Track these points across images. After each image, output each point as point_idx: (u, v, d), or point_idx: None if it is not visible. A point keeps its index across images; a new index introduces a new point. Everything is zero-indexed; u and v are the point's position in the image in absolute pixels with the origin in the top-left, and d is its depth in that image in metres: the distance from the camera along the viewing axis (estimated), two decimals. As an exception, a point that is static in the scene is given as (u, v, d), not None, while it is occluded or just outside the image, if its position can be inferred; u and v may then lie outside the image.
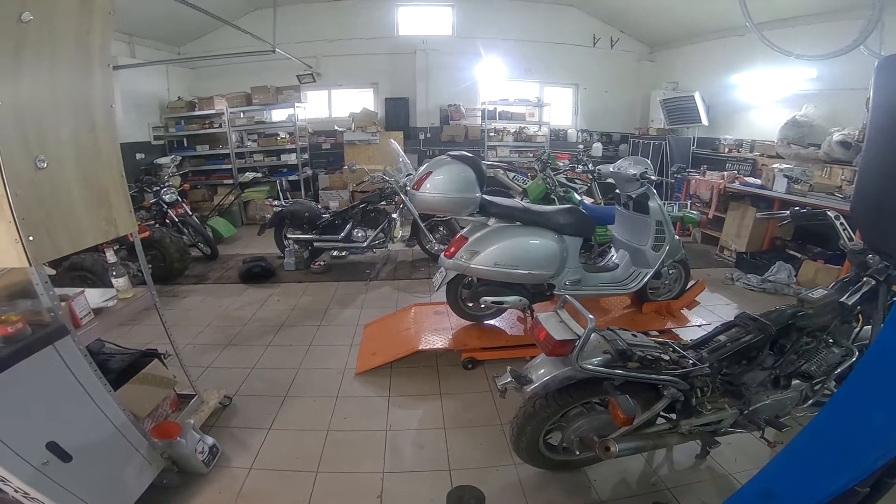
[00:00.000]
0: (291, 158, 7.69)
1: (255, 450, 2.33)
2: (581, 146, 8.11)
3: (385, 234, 5.21)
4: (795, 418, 2.03)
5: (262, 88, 7.44)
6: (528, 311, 3.11)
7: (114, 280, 1.86)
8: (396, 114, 8.19)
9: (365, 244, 5.12)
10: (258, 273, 4.88)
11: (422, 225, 5.05)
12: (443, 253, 2.99)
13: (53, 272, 2.05)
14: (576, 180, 5.53)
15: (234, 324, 3.87)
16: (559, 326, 1.78)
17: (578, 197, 4.86)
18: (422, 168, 2.98)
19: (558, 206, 3.11)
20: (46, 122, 1.55)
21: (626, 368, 1.73)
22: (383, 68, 8.23)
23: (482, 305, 3.05)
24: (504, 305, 3.01)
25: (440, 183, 2.79)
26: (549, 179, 5.09)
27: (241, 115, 7.72)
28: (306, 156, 8.01)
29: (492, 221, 2.94)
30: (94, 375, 1.72)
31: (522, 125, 8.26)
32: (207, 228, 6.46)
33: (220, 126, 7.54)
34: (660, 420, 1.92)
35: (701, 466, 2.21)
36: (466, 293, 3.21)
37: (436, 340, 3.21)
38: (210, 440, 2.19)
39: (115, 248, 1.90)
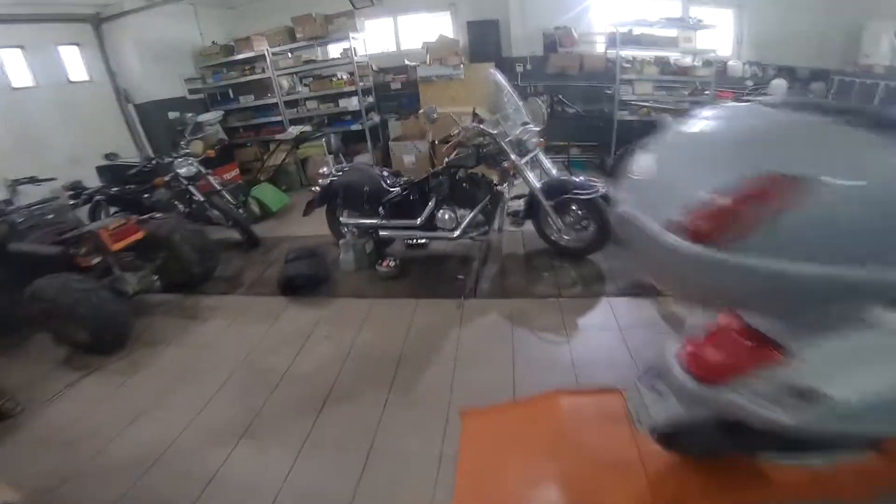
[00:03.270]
0: (352, 103, 6.03)
1: None
2: (750, 82, 5.62)
3: (487, 219, 3.46)
4: None
5: (306, 18, 5.66)
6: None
7: None
8: (484, 41, 6.11)
9: (456, 233, 3.41)
10: (302, 285, 3.40)
11: (545, 202, 3.23)
12: (676, 361, 1.21)
13: None
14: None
15: (258, 385, 2.47)
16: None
17: None
18: (669, 132, 1.16)
19: None
20: None
21: None
22: (462, -15, 6.10)
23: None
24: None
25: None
26: None
27: (289, 56, 6.16)
28: (371, 99, 6.32)
29: None
30: None
31: (666, 53, 5.81)
32: (251, 202, 5.14)
33: (263, 70, 6.06)
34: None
35: None
36: (705, 426, 1.43)
37: (619, 497, 1.55)
38: None
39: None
